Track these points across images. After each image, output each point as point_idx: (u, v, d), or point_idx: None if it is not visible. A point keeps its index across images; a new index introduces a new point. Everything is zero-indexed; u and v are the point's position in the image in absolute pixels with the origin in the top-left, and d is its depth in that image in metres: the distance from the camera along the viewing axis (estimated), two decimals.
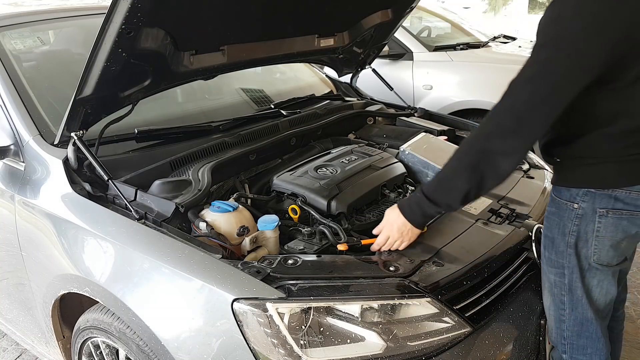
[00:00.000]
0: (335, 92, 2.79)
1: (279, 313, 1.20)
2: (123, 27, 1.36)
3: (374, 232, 1.48)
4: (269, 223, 1.48)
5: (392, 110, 2.64)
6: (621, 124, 1.20)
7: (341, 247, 1.46)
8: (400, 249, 1.44)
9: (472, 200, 1.34)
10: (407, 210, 1.40)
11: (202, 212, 1.53)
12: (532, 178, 1.99)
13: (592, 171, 1.25)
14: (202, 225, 1.47)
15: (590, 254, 1.29)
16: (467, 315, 1.34)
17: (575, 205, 1.28)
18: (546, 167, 2.11)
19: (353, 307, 1.24)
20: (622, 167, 1.23)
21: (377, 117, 2.55)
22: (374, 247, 1.47)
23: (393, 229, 1.42)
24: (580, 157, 1.27)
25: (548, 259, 1.38)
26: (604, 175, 1.25)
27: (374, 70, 2.82)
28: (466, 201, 1.31)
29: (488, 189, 1.30)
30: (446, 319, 1.30)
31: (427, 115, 2.63)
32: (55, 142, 1.67)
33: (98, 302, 1.49)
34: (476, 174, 1.24)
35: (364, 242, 1.50)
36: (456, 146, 2.13)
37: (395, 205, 1.45)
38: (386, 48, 3.36)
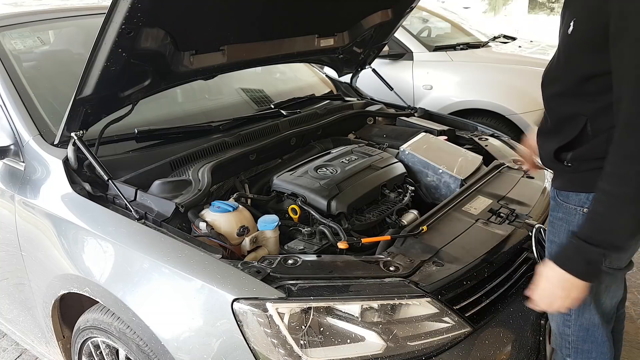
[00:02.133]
0: (335, 92, 2.79)
1: (279, 313, 1.20)
2: (123, 27, 1.36)
3: (527, 294, 1.31)
4: (269, 223, 1.49)
5: (392, 110, 2.64)
6: None
7: (341, 245, 1.46)
8: (567, 307, 1.23)
9: None
10: (564, 261, 1.20)
11: (202, 212, 1.53)
12: (532, 178, 1.99)
13: None
14: (202, 225, 1.47)
15: None
16: (467, 315, 1.34)
17: (585, 210, 1.25)
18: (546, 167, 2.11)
19: (353, 307, 1.24)
20: None
21: (377, 117, 2.55)
22: (532, 306, 1.29)
23: (554, 287, 1.21)
24: (592, 159, 1.22)
25: None
26: None
27: (374, 70, 2.82)
28: (637, 234, 1.17)
29: None
30: (446, 319, 1.30)
31: (427, 115, 2.63)
32: (55, 142, 1.67)
33: (98, 302, 1.49)
34: (637, 201, 1.08)
35: (364, 240, 1.50)
36: (456, 146, 2.16)
37: (547, 260, 1.24)
38: (386, 48, 3.36)
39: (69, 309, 1.72)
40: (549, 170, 1.55)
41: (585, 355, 1.37)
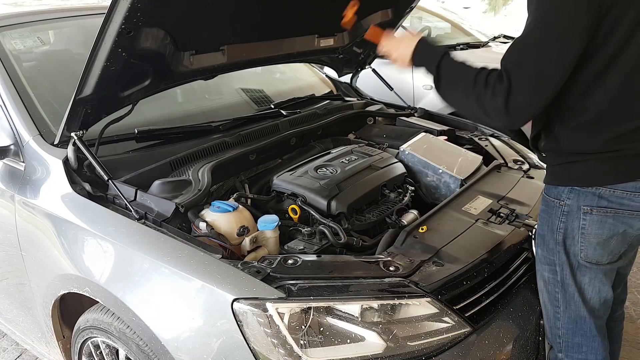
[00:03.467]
0: (335, 92, 2.79)
1: (279, 313, 1.20)
2: (123, 27, 1.36)
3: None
4: (269, 223, 1.48)
5: (392, 110, 2.64)
6: (598, 115, 1.18)
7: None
8: (396, 60, 1.59)
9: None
10: (421, 48, 1.52)
11: (202, 212, 1.53)
12: (532, 178, 1.99)
13: (576, 169, 1.25)
14: (202, 225, 1.47)
15: (577, 251, 1.30)
16: (467, 315, 1.34)
17: (561, 203, 1.29)
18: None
19: (353, 307, 1.24)
20: (604, 164, 1.22)
21: (377, 117, 2.55)
22: (380, 47, 1.59)
23: (400, 50, 1.54)
24: (564, 152, 1.26)
25: (541, 256, 1.39)
26: (587, 173, 1.24)
27: (374, 70, 2.82)
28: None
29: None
30: (446, 319, 1.30)
31: (427, 115, 2.63)
32: (55, 142, 1.67)
33: (98, 302, 1.49)
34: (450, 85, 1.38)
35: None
36: (456, 146, 2.16)
37: (417, 36, 1.51)
38: None
39: (69, 309, 1.72)
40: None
41: (575, 349, 1.38)
